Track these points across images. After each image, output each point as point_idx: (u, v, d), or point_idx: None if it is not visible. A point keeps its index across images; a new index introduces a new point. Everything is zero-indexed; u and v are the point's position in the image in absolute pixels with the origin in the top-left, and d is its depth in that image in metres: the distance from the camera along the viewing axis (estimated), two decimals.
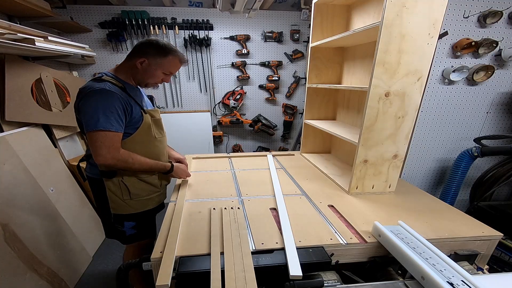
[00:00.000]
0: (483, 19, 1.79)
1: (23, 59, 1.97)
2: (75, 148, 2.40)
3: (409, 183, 1.49)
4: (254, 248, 0.89)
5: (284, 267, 0.81)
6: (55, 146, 2.15)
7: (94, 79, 1.11)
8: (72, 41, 2.31)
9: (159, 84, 1.32)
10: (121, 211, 1.24)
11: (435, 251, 0.81)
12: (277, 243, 0.92)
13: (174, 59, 1.19)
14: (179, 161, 1.52)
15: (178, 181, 1.45)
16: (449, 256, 0.79)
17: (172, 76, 2.94)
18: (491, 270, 1.05)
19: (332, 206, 1.21)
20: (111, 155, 1.06)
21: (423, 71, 1.13)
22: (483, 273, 0.95)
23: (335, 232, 0.99)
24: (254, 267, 0.78)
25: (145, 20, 2.70)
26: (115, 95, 1.06)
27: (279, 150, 3.45)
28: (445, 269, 0.73)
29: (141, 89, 1.36)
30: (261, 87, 3.17)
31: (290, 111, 3.27)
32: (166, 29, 2.79)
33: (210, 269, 0.78)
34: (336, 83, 1.86)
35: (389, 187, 1.34)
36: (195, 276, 0.78)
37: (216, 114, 3.26)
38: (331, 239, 0.94)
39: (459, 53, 1.85)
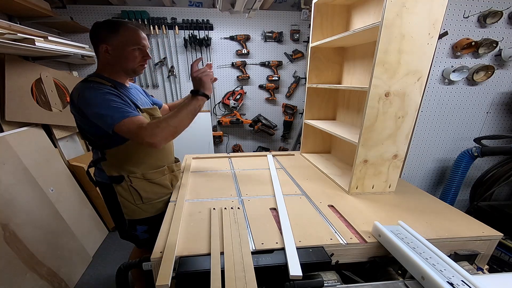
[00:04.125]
0: (483, 19, 1.79)
1: (23, 59, 1.97)
2: (75, 148, 2.40)
3: (409, 183, 1.49)
4: (254, 248, 0.89)
5: (284, 267, 0.80)
6: (55, 146, 2.15)
7: (81, 82, 1.06)
8: (72, 41, 2.31)
9: (145, 65, 1.16)
10: (135, 216, 1.21)
11: (435, 251, 0.81)
12: (277, 243, 0.92)
13: (128, 30, 1.07)
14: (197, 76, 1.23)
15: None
16: (449, 256, 0.79)
17: (172, 75, 2.95)
18: (491, 270, 1.05)
19: (332, 206, 1.21)
20: (145, 131, 0.95)
21: (423, 71, 1.13)
22: (483, 273, 0.95)
23: (335, 232, 0.99)
24: (254, 267, 0.78)
25: (145, 20, 2.71)
26: (104, 90, 1.01)
27: (279, 150, 3.45)
28: (445, 269, 0.73)
29: (138, 88, 1.33)
30: (261, 87, 3.17)
31: (290, 111, 3.27)
32: (166, 29, 2.80)
33: (210, 269, 0.78)
34: (336, 83, 1.86)
35: (389, 187, 1.34)
36: (195, 276, 0.78)
37: (216, 114, 3.26)
38: (331, 239, 0.94)
39: (459, 53, 1.85)
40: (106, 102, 0.99)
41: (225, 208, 1.13)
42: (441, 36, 1.79)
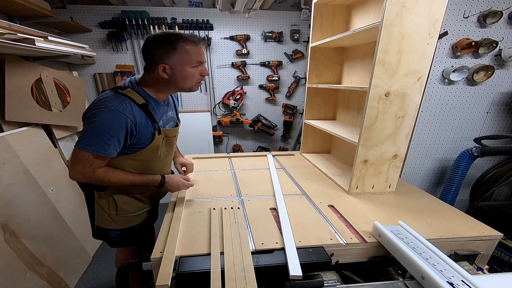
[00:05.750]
0: (483, 19, 1.79)
1: (23, 59, 1.97)
2: None
3: (409, 183, 1.49)
4: (254, 248, 0.89)
5: (284, 267, 0.80)
6: (55, 146, 2.15)
7: (116, 89, 1.01)
8: (72, 41, 2.31)
9: (202, 81, 1.13)
10: (104, 225, 1.19)
11: (435, 251, 0.81)
12: (277, 243, 0.92)
13: (186, 45, 0.99)
14: (184, 165, 1.43)
15: None
16: (449, 256, 0.79)
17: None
18: (491, 270, 1.05)
19: (332, 206, 1.21)
20: (83, 175, 0.99)
21: (423, 71, 1.13)
22: (483, 273, 0.95)
23: (335, 232, 0.99)
24: (254, 267, 0.78)
25: (145, 20, 2.70)
26: (124, 117, 0.94)
27: (279, 150, 3.45)
28: (445, 269, 0.73)
29: (174, 101, 1.27)
30: (261, 87, 3.17)
31: (290, 111, 3.27)
32: (166, 29, 2.79)
33: (210, 269, 0.78)
34: (336, 83, 1.86)
35: (389, 187, 1.34)
36: (195, 276, 0.78)
37: (216, 114, 3.26)
38: (331, 239, 0.94)
39: (459, 53, 1.85)
40: (104, 129, 0.94)
41: (225, 208, 1.13)
42: (441, 36, 1.79)
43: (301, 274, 0.76)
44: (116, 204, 1.15)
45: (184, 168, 1.43)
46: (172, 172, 1.41)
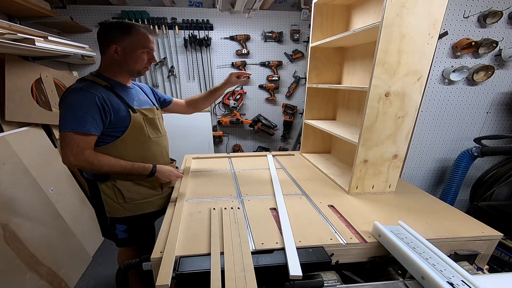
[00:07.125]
0: (483, 19, 1.79)
1: (23, 59, 1.97)
2: None
3: (409, 183, 1.49)
4: (254, 248, 0.89)
5: (284, 267, 0.80)
6: (55, 146, 2.15)
7: (77, 81, 1.10)
8: (72, 41, 2.31)
9: (149, 67, 1.21)
10: (117, 214, 1.21)
11: (435, 251, 0.81)
12: (277, 243, 0.92)
13: (139, 33, 1.10)
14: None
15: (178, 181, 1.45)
16: (449, 256, 0.79)
17: (172, 75, 2.96)
18: (491, 270, 1.05)
19: (332, 206, 1.21)
20: (74, 156, 1.03)
21: (423, 71, 1.13)
22: (483, 273, 0.95)
23: (335, 232, 0.99)
24: (254, 267, 0.78)
25: (145, 20, 2.71)
26: (91, 94, 1.02)
27: (279, 150, 3.45)
28: (445, 269, 0.73)
29: (143, 86, 1.33)
30: (261, 87, 3.17)
31: (290, 111, 3.27)
32: (166, 29, 2.80)
33: (210, 269, 0.78)
34: (336, 83, 1.85)
35: (389, 187, 1.34)
36: (195, 276, 0.78)
37: (216, 114, 3.26)
38: (331, 239, 0.94)
39: (459, 53, 1.85)
40: (75, 107, 1.01)
41: (225, 208, 1.13)
42: (441, 36, 1.79)
43: (301, 274, 0.76)
44: (121, 192, 1.18)
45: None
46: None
